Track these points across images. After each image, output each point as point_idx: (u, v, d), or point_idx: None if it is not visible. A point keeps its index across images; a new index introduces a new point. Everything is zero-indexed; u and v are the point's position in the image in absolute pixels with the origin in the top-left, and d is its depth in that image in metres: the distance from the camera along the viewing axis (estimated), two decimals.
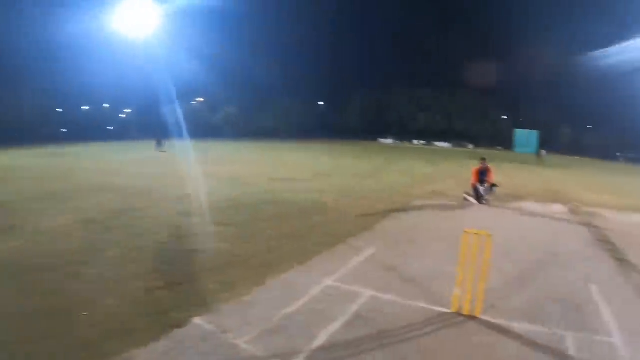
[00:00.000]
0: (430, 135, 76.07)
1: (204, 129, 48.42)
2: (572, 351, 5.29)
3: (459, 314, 6.11)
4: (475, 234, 6.18)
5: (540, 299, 6.86)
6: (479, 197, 15.15)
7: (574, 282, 7.71)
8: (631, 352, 5.32)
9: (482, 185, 15.21)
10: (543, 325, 5.92)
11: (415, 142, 73.14)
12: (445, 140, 71.75)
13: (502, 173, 17.18)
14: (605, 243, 10.72)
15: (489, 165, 15.63)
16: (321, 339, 5.06)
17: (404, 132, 79.32)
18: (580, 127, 74.12)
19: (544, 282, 7.67)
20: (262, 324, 5.30)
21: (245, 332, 5.06)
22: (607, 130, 68.70)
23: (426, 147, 67.56)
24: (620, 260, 9.29)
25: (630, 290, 7.52)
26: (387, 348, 5.01)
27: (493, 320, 5.99)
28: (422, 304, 6.39)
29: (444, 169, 29.96)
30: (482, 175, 15.33)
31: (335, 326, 5.41)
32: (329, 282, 6.94)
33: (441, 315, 6.08)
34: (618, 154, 62.03)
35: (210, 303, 5.80)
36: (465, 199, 15.48)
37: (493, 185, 15.31)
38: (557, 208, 15.62)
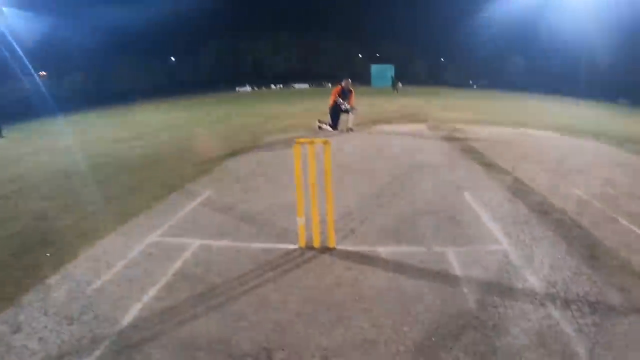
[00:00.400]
0: (288, 78, 74.76)
1: (52, 103, 42.37)
2: (457, 269, 4.02)
3: (309, 248, 4.59)
4: (310, 142, 4.64)
5: (409, 216, 5.60)
6: (335, 123, 13.77)
7: (444, 193, 6.67)
8: (522, 257, 4.30)
9: (344, 103, 13.83)
10: (415, 245, 4.60)
11: (273, 86, 71.57)
12: (303, 82, 71.04)
13: (361, 103, 16.19)
14: (469, 152, 10.08)
15: (351, 88, 14.23)
16: (132, 313, 3.71)
17: (262, 77, 76.86)
18: (435, 60, 77.71)
19: (412, 197, 6.48)
20: (63, 310, 3.87)
21: (40, 326, 3.64)
22: (460, 62, 72.62)
23: (284, 90, 66.45)
24: (487, 165, 8.58)
25: (504, 192, 6.68)
26: (216, 309, 3.68)
27: (353, 249, 4.56)
28: (264, 245, 4.82)
29: (300, 106, 28.52)
30: (343, 96, 13.86)
31: (151, 293, 4.03)
32: (152, 238, 5.28)
33: (287, 253, 4.54)
34: (471, 81, 65.72)
35: (10, 297, 4.19)
36: (320, 128, 14.01)
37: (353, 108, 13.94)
38: (417, 126, 15.00)
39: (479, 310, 3.37)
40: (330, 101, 13.90)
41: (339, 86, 14.03)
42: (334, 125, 13.69)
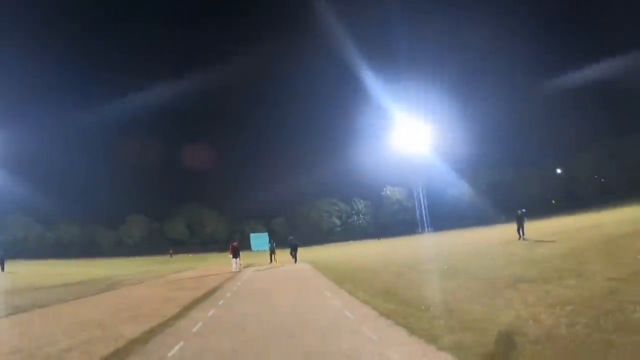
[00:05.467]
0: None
1: None
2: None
3: None
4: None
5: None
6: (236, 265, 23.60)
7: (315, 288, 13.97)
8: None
9: (237, 257, 23.87)
10: None
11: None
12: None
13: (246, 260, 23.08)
14: (321, 272, 17.82)
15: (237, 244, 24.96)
16: None
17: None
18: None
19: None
20: None
21: None
22: None
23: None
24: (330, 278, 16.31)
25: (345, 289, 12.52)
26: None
27: None
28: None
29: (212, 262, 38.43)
30: (236, 250, 23.95)
31: None
32: None
33: None
34: None
35: None
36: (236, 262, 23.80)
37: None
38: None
39: None
40: (230, 253, 24.30)
41: (232, 245, 24.61)
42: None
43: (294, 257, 28.05)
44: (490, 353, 5.10)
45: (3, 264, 31.55)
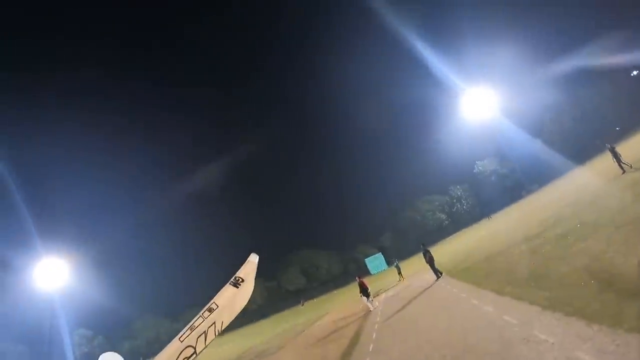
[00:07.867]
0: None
1: None
2: None
3: None
4: None
5: None
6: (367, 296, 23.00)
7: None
8: None
9: (367, 295, 22.98)
10: None
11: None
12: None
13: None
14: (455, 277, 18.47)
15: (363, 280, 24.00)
16: None
17: None
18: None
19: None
20: None
21: None
22: None
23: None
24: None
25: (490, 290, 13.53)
26: None
27: None
28: None
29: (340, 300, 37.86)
30: (364, 289, 23.09)
31: None
32: None
33: None
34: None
35: None
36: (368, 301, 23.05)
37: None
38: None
39: None
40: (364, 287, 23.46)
41: (359, 281, 23.79)
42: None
43: (432, 267, 21.31)
44: None
45: None
